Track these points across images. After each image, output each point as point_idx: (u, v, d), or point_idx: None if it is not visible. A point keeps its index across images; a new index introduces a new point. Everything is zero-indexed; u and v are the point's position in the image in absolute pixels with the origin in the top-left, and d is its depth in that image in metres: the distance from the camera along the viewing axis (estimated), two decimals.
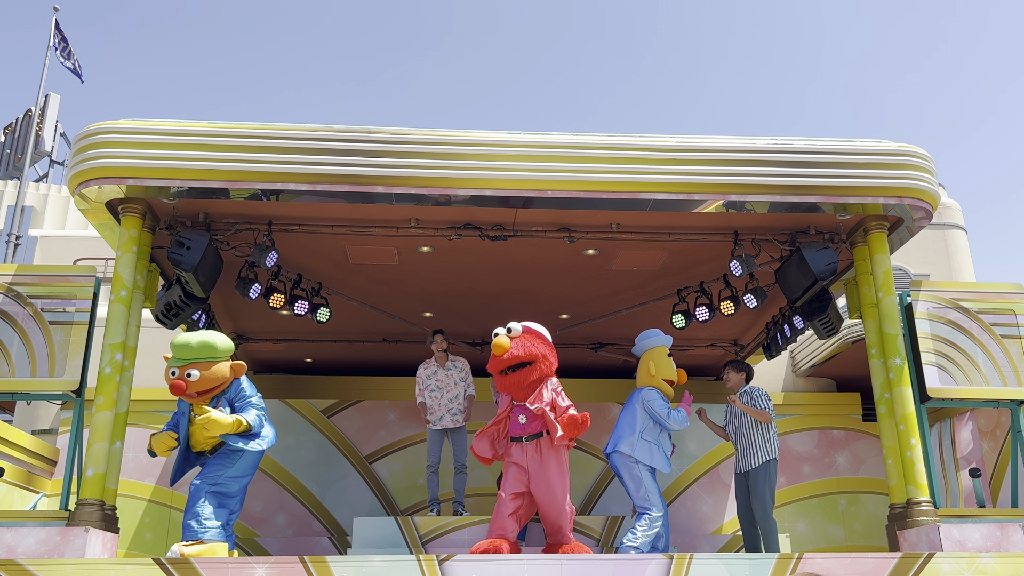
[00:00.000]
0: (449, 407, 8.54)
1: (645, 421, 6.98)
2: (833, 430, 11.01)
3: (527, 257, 7.82)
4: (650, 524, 6.71)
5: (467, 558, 5.58)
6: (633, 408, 7.04)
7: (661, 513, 6.80)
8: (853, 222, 7.22)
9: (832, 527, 10.55)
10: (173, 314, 7.18)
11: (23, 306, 6.58)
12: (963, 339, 7.09)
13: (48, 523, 5.92)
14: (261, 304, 7.60)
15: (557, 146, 6.61)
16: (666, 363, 7.15)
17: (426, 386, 8.59)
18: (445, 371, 8.56)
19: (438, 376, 8.56)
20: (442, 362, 8.58)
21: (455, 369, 8.59)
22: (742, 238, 7.34)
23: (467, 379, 8.66)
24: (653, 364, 7.11)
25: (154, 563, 5.35)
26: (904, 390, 6.74)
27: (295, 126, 6.55)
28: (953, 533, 6.14)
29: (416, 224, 7.15)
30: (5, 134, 19.56)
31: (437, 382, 8.56)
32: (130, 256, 6.60)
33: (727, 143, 6.72)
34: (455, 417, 8.53)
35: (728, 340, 10.15)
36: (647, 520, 6.72)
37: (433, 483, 8.56)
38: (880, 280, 7.02)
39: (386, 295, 8.81)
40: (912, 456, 6.58)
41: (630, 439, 6.93)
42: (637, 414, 7.00)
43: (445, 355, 8.60)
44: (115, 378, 6.35)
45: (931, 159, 6.87)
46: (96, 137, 6.39)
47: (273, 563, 5.43)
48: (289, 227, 7.17)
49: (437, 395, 8.56)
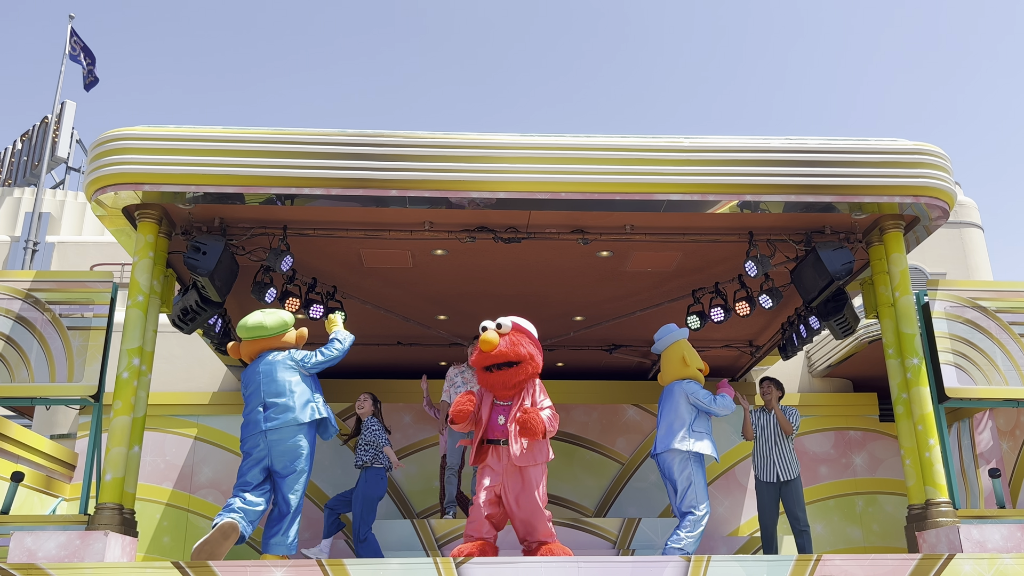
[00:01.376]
0: None
1: (693, 413, 6.93)
2: (850, 431, 10.95)
3: (541, 259, 7.82)
4: (694, 525, 6.69)
5: (484, 561, 5.57)
6: (676, 403, 6.97)
7: (706, 512, 6.75)
8: (869, 221, 7.18)
9: (849, 528, 10.49)
10: (189, 319, 7.23)
11: (42, 312, 6.65)
12: (981, 338, 7.04)
13: (68, 527, 5.97)
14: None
15: (570, 148, 6.61)
16: (694, 353, 7.18)
17: (453, 383, 8.86)
18: (472, 372, 8.81)
19: (466, 375, 8.89)
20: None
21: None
22: (757, 238, 7.32)
23: None
24: (686, 355, 7.10)
25: (173, 567, 5.37)
26: (922, 390, 6.69)
27: (309, 130, 6.58)
28: (973, 534, 6.09)
29: (430, 227, 7.16)
30: (22, 141, 19.72)
31: (464, 380, 8.87)
32: (147, 261, 6.65)
33: (741, 143, 6.70)
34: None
35: (743, 341, 10.11)
36: (692, 521, 6.70)
37: (452, 484, 8.63)
38: (897, 279, 6.97)
39: (400, 298, 8.83)
40: (930, 456, 6.53)
41: (682, 434, 6.84)
42: (682, 408, 6.93)
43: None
44: (133, 383, 6.40)
45: (947, 157, 6.83)
46: (112, 144, 6.44)
47: (290, 566, 5.44)
48: (304, 231, 7.20)
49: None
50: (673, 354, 7.17)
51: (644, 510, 10.22)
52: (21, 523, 6.20)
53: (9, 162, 19.79)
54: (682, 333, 7.29)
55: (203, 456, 10.35)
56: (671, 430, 6.92)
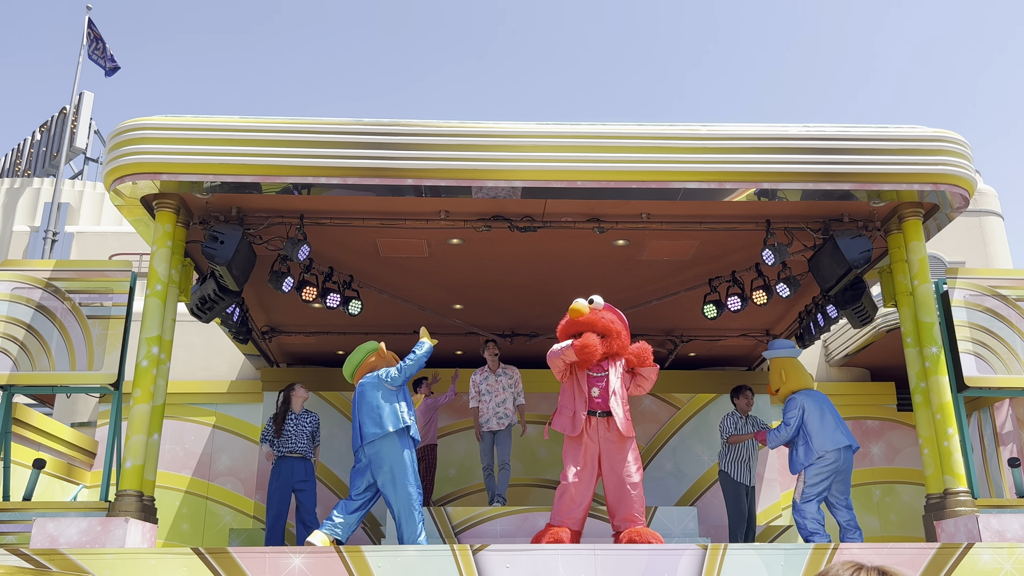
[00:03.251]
0: (496, 411, 8.94)
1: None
2: (867, 420, 10.90)
3: (557, 248, 7.81)
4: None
5: (500, 548, 5.59)
6: (828, 402, 7.36)
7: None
8: (887, 209, 7.12)
9: (867, 517, 10.45)
10: (208, 308, 7.27)
11: (62, 301, 6.70)
12: (1001, 327, 6.97)
13: (89, 513, 6.04)
14: (294, 297, 7.67)
15: (586, 136, 6.58)
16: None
17: (479, 390, 9.02)
18: (495, 377, 9.04)
19: (488, 381, 9.05)
20: (493, 368, 9.07)
21: (505, 376, 9.06)
22: (774, 227, 7.27)
23: (516, 387, 9.06)
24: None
25: (193, 553, 5.43)
26: (941, 379, 6.65)
27: (325, 120, 6.59)
28: (992, 523, 6.05)
29: (446, 216, 7.16)
30: (41, 132, 19.85)
31: (488, 386, 9.03)
32: (165, 251, 6.69)
33: (758, 131, 6.66)
34: (501, 420, 8.93)
35: (760, 330, 10.07)
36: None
37: (490, 482, 8.88)
38: (915, 268, 6.91)
39: (416, 287, 8.85)
40: (949, 446, 6.49)
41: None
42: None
43: (496, 361, 9.07)
44: (152, 371, 6.45)
45: (967, 144, 6.75)
46: (130, 134, 6.47)
47: (310, 553, 5.48)
48: (320, 220, 7.22)
49: (487, 399, 9.01)
50: (798, 364, 7.56)
51: (660, 499, 10.22)
52: (43, 509, 6.28)
53: (28, 153, 19.94)
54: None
55: (221, 444, 10.44)
56: (847, 427, 7.28)
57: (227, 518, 10.20)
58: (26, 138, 20.28)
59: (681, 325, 9.92)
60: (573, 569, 5.48)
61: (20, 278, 6.75)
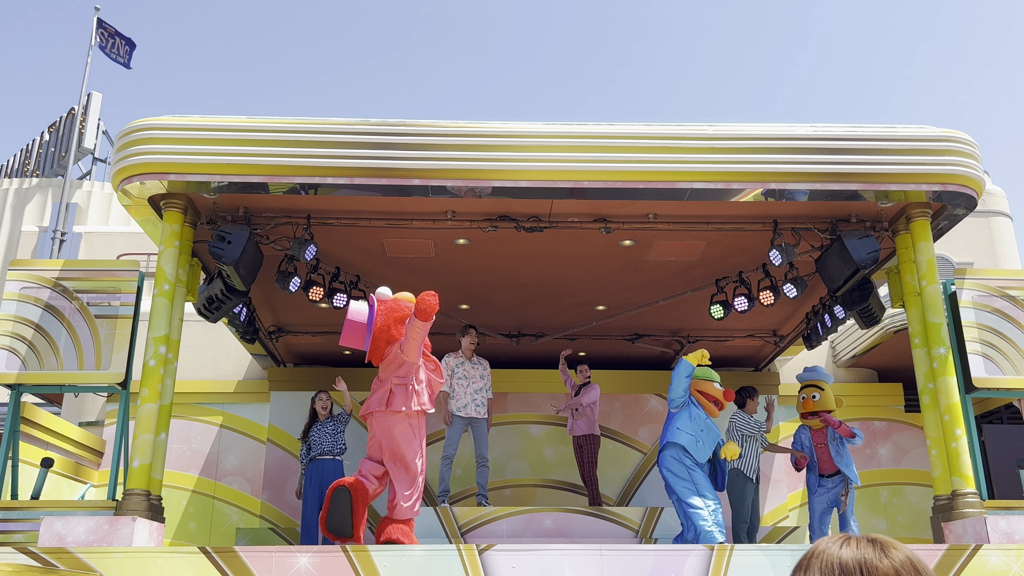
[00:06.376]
0: (474, 397, 8.88)
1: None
2: (875, 421, 10.87)
3: (563, 248, 7.80)
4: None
5: (506, 547, 5.60)
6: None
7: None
8: (895, 210, 7.10)
9: (874, 519, 10.42)
10: (215, 307, 7.29)
11: (70, 300, 6.73)
12: (1010, 328, 6.95)
13: (97, 512, 6.05)
14: (300, 297, 7.69)
15: (593, 136, 6.58)
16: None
17: (454, 374, 8.89)
18: (471, 364, 8.95)
19: (465, 367, 8.93)
20: (469, 355, 8.97)
21: (480, 366, 9.02)
22: (782, 227, 7.25)
23: (488, 379, 9.02)
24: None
25: (200, 552, 5.44)
26: (949, 380, 6.62)
27: (331, 120, 6.60)
28: (1000, 525, 6.03)
29: (452, 216, 7.17)
30: (49, 133, 19.92)
31: (464, 372, 8.92)
32: (172, 251, 6.71)
33: (766, 131, 6.64)
34: (479, 408, 8.86)
35: (767, 331, 10.05)
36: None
37: (447, 474, 8.72)
38: (923, 268, 6.89)
39: (423, 287, 8.75)
40: (957, 447, 6.47)
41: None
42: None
43: (472, 350, 9.00)
44: (159, 371, 6.47)
45: (976, 144, 6.72)
46: (138, 134, 6.49)
47: (316, 552, 5.49)
48: (327, 221, 7.23)
49: (464, 383, 8.89)
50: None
51: (666, 500, 10.17)
52: (51, 508, 6.31)
53: (37, 153, 20.02)
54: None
55: (228, 444, 10.46)
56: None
57: (234, 517, 10.22)
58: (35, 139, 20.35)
59: (688, 325, 9.91)
60: (579, 569, 5.48)
61: (29, 278, 6.78)
